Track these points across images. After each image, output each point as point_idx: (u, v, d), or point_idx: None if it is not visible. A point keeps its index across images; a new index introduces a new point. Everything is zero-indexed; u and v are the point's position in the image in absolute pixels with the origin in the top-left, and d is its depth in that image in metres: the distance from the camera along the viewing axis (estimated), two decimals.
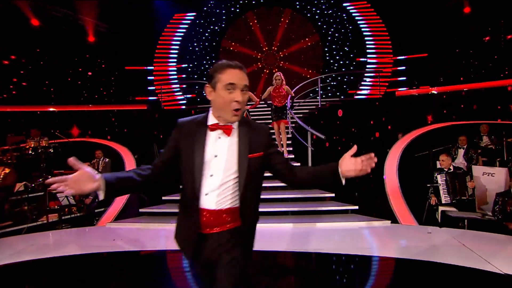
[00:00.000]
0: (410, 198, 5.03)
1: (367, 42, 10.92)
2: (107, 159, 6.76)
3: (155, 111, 10.31)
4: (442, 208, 4.82)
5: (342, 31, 11.09)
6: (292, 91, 6.54)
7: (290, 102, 6.36)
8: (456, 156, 6.16)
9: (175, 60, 12.03)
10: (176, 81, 11.93)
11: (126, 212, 5.26)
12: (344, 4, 11.22)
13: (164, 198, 5.36)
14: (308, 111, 8.70)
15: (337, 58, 11.11)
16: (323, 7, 11.38)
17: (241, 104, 1.34)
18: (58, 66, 10.65)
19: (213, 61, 11.85)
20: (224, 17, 11.94)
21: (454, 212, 4.46)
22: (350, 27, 11.01)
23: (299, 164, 6.13)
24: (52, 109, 9.72)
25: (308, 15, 11.39)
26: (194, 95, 11.90)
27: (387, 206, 4.77)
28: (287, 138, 6.30)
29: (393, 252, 3.25)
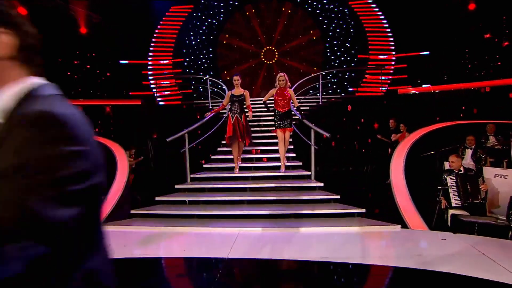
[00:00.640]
0: (418, 200, 4.78)
1: (369, 39, 10.64)
2: None
3: (150, 106, 9.94)
4: (452, 212, 4.58)
5: (344, 26, 10.80)
6: (293, 92, 5.61)
7: (296, 111, 5.57)
8: (463, 157, 5.93)
9: (171, 54, 11.63)
10: (171, 76, 11.53)
11: (116, 213, 4.92)
12: None
13: (157, 198, 5.03)
14: (308, 108, 8.40)
15: (338, 54, 10.83)
16: (325, 1, 11.07)
17: None
18: (48, 58, 10.19)
19: (210, 55, 11.49)
20: (222, 10, 11.56)
21: (467, 217, 4.21)
22: (352, 23, 10.73)
23: (301, 163, 5.85)
24: None
25: (309, 10, 11.07)
26: (190, 91, 11.53)
27: (395, 209, 4.50)
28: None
29: (407, 261, 2.98)
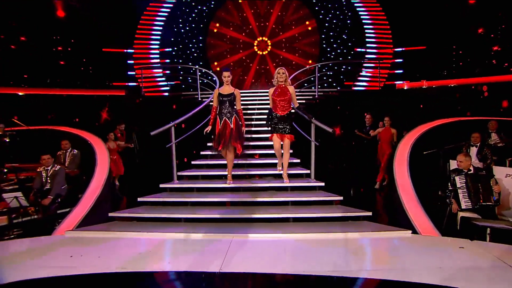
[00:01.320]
0: (423, 201, 4.45)
1: (366, 31, 10.26)
2: (76, 151, 5.86)
3: (134, 97, 9.28)
4: (462, 214, 4.26)
5: (341, 17, 10.37)
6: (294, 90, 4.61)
7: (302, 113, 4.80)
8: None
9: (158, 43, 10.92)
10: (158, 65, 10.84)
11: (93, 216, 4.36)
12: None
13: (140, 199, 4.49)
14: (304, 101, 7.96)
15: (334, 46, 10.41)
16: None
17: None
18: (24, 45, 9.36)
19: (200, 44, 10.85)
20: None
21: (480, 220, 3.90)
22: (349, 14, 10.30)
23: (299, 160, 5.43)
24: (21, 92, 8.53)
25: None
26: (178, 82, 10.88)
27: (401, 211, 4.13)
28: None
29: (428, 276, 2.60)
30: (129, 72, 10.99)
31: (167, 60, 11.01)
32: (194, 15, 10.85)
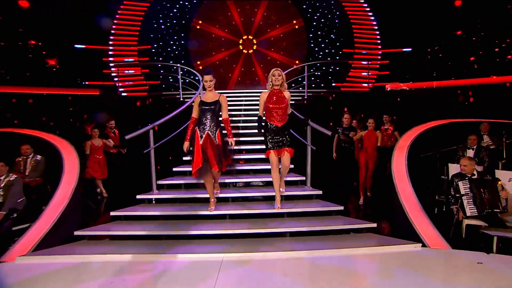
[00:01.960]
0: (426, 208, 4.17)
1: (354, 32, 10.08)
2: (39, 157, 5.16)
3: (110, 97, 8.54)
4: (467, 222, 4.00)
5: (329, 16, 10.13)
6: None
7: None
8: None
9: (137, 39, 10.19)
10: (137, 63, 10.12)
11: (57, 235, 3.71)
12: None
13: (113, 213, 3.88)
14: (293, 102, 7.59)
15: (322, 46, 10.15)
16: None
17: None
18: None
19: (181, 41, 10.24)
20: None
21: (490, 230, 3.63)
22: (337, 13, 10.07)
23: (292, 166, 5.00)
24: None
25: None
26: (158, 81, 10.21)
27: (405, 221, 3.80)
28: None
29: None
30: (105, 71, 10.18)
31: (146, 58, 10.31)
32: (175, 10, 10.23)
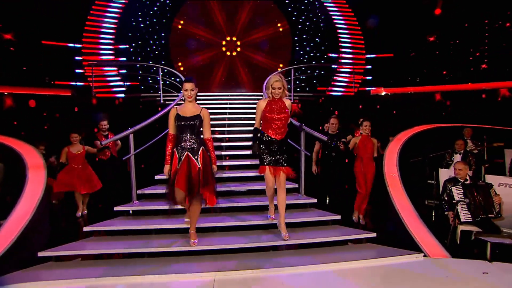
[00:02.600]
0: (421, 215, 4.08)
1: (339, 36, 10.11)
2: None
3: (83, 99, 7.92)
4: (462, 228, 3.95)
5: (314, 20, 10.09)
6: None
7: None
8: (451, 162, 5.53)
9: (113, 37, 9.59)
10: (113, 63, 9.51)
11: (18, 256, 3.20)
12: None
13: (86, 229, 3.42)
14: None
15: (307, 49, 10.08)
16: None
17: None
18: None
19: (162, 41, 9.77)
20: None
21: (487, 236, 3.57)
22: (323, 17, 10.07)
23: None
24: None
25: None
26: (136, 83, 9.66)
27: (403, 230, 3.67)
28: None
29: None
30: (79, 70, 9.48)
31: (123, 58, 9.73)
32: (156, 8, 9.76)
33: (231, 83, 10.23)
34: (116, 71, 9.43)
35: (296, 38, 10.10)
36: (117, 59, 9.68)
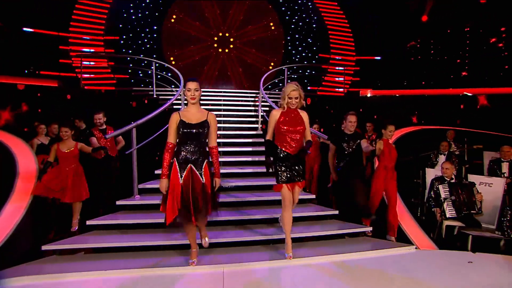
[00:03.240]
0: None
1: (331, 37, 10.36)
2: None
3: (71, 90, 7.67)
4: (447, 223, 4.25)
5: (307, 20, 10.27)
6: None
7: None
8: (436, 162, 5.89)
9: (103, 29, 9.32)
10: (103, 54, 9.25)
11: (15, 251, 3.14)
12: None
13: (89, 222, 3.40)
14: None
15: (299, 49, 10.25)
16: None
17: None
18: None
19: (154, 35, 9.61)
20: None
21: (470, 230, 3.88)
22: (315, 18, 10.27)
23: None
24: None
25: None
26: (126, 76, 9.45)
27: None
28: None
29: None
30: (63, 61, 9.14)
31: (112, 50, 9.48)
32: (148, 1, 9.57)
33: (223, 80, 10.23)
34: (106, 63, 9.18)
35: (288, 38, 10.24)
36: (107, 50, 9.42)
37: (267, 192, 4.14)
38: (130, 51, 9.37)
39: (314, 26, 10.33)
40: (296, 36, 10.31)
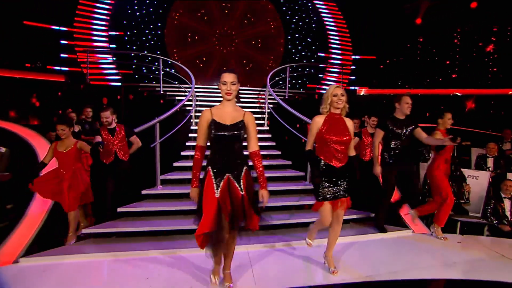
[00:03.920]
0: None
1: (329, 37, 10.75)
2: (3, 149, 4.59)
3: (79, 85, 7.84)
4: None
5: (307, 20, 10.63)
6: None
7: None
8: (429, 158, 6.36)
9: (107, 24, 9.44)
10: (108, 50, 9.39)
11: (50, 236, 3.42)
12: None
13: (120, 210, 3.70)
14: (276, 101, 7.88)
15: (299, 48, 10.61)
16: None
17: None
18: None
19: (158, 32, 9.80)
20: None
21: (459, 216, 4.37)
22: (315, 18, 10.63)
23: (290, 162, 5.25)
24: None
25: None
26: (130, 71, 9.62)
27: (393, 211, 4.35)
28: None
29: (453, 271, 2.78)
30: (65, 55, 9.23)
31: (113, 46, 9.62)
32: None
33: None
34: (112, 58, 9.33)
35: (289, 37, 10.58)
36: (111, 45, 9.55)
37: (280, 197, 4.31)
38: (134, 47, 9.53)
39: (314, 26, 10.69)
40: (296, 35, 10.65)
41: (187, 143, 5.50)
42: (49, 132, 5.18)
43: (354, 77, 11.01)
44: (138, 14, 9.61)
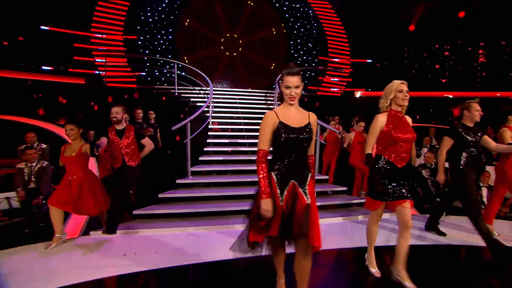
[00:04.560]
0: None
1: (329, 42, 11.51)
2: (44, 145, 5.08)
3: (98, 87, 8.46)
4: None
5: (308, 26, 11.36)
6: None
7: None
8: (420, 154, 7.14)
9: (122, 29, 10.05)
10: (123, 54, 10.00)
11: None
12: (309, 1, 11.51)
13: (160, 196, 4.37)
14: (280, 103, 8.58)
15: (300, 53, 11.33)
16: None
17: None
18: None
19: (169, 37, 10.43)
20: None
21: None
22: (315, 24, 11.38)
23: None
24: None
25: (277, 5, 11.22)
26: (143, 73, 10.25)
27: None
28: None
29: (445, 240, 3.56)
30: (77, 58, 9.79)
31: (126, 49, 10.23)
32: (164, 5, 10.36)
33: (234, 80, 11.18)
34: (125, 62, 9.93)
35: (291, 42, 11.30)
36: (125, 49, 10.13)
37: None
38: (147, 51, 10.15)
39: (314, 32, 11.43)
40: (298, 40, 11.37)
41: (208, 140, 6.14)
42: (88, 131, 5.79)
43: (352, 80, 11.78)
44: (150, 20, 10.23)
